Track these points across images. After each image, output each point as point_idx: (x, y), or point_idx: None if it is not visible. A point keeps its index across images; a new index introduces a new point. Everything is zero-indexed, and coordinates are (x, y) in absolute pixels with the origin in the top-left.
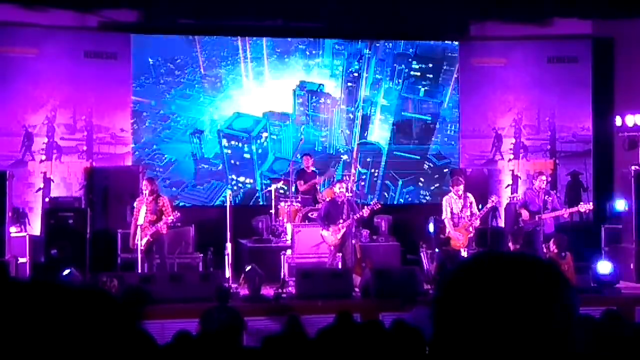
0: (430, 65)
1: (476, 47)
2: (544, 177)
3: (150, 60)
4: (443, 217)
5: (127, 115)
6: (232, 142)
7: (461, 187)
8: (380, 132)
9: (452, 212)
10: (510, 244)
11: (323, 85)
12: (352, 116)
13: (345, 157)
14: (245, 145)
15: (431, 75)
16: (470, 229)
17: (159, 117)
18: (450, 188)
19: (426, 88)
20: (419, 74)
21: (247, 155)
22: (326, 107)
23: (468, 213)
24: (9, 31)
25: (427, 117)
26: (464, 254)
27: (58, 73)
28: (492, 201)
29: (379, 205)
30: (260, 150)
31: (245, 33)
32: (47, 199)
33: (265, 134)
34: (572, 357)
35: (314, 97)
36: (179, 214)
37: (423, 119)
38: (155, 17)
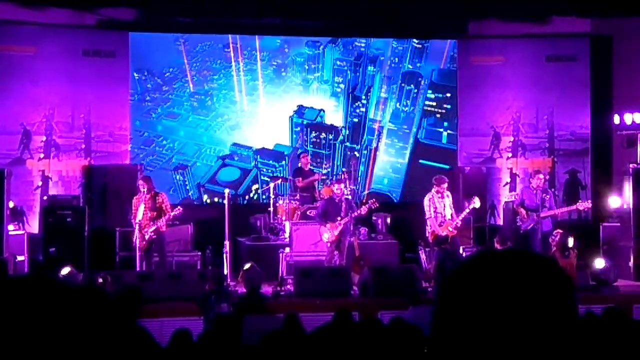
0: (448, 95)
1: (475, 45)
2: (541, 176)
3: (135, 75)
4: (427, 217)
5: (126, 113)
6: (216, 199)
7: (445, 185)
8: (387, 158)
9: (435, 212)
10: (496, 245)
11: (323, 111)
12: (357, 154)
13: (349, 196)
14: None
15: (449, 106)
16: (450, 228)
17: (142, 141)
18: (434, 186)
19: (449, 132)
20: (434, 104)
21: None
22: (327, 142)
23: (449, 212)
24: (6, 29)
25: (449, 166)
26: (462, 252)
27: (56, 71)
28: (473, 202)
29: (377, 204)
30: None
31: (243, 31)
32: (45, 197)
33: (255, 187)
34: (573, 354)
35: (313, 132)
36: (181, 209)
37: (443, 167)
38: (153, 15)
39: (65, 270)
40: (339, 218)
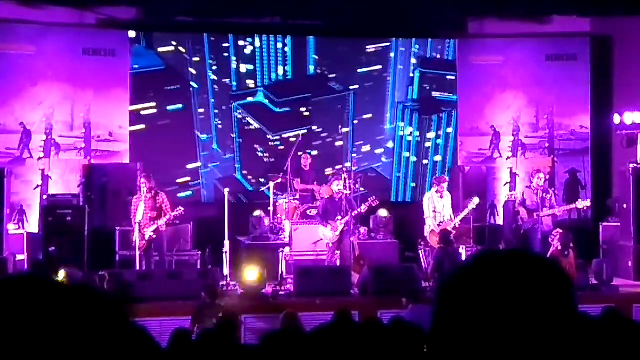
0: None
1: (474, 45)
2: (541, 175)
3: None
4: (425, 217)
5: (125, 113)
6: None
7: (444, 184)
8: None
9: (435, 211)
10: (501, 247)
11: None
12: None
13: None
14: None
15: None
16: (449, 228)
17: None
18: (434, 186)
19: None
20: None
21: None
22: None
23: (448, 212)
24: (7, 28)
25: None
26: (463, 252)
27: (56, 70)
28: (473, 202)
29: (377, 202)
30: None
31: (243, 31)
32: (45, 197)
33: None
34: (572, 354)
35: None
36: (182, 209)
37: None
38: (153, 14)
39: (62, 274)
40: (339, 217)
